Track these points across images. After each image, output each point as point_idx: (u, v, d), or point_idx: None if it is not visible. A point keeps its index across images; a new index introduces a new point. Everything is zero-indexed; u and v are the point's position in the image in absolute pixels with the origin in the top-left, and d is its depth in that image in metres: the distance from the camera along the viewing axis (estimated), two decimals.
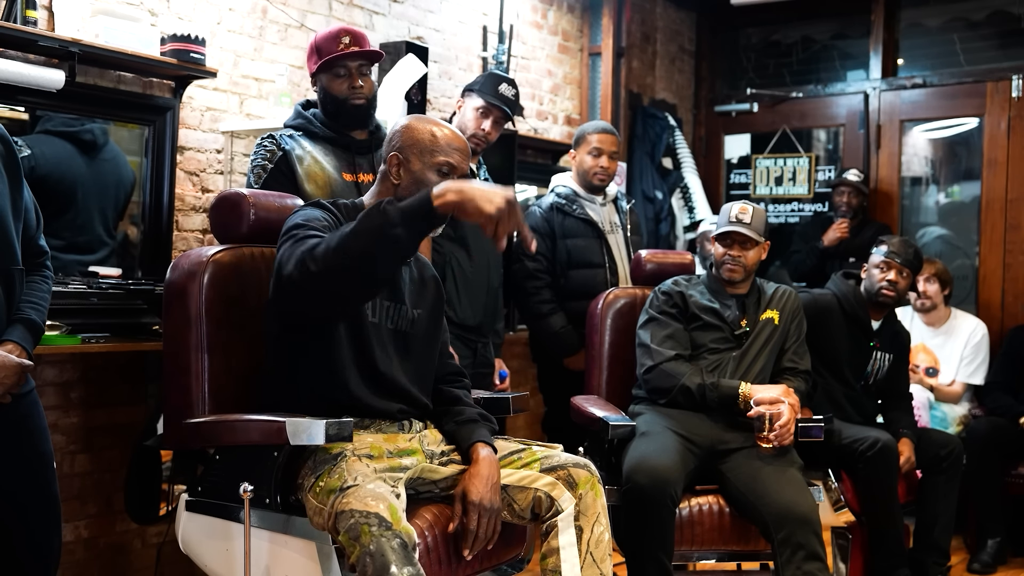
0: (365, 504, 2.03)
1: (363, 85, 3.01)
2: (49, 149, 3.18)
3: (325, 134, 3.04)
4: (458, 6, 4.70)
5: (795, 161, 6.00)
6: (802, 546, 2.82)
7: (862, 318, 3.83)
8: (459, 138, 2.44)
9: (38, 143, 3.16)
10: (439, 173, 2.37)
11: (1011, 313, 5.33)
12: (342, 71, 2.99)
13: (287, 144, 2.99)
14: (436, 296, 2.59)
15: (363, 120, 3.07)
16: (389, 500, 2.06)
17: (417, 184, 2.37)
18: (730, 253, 3.32)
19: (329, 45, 2.98)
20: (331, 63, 2.98)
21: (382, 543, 1.99)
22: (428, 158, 2.38)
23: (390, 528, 2.01)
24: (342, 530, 2.04)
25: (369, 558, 1.98)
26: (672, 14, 6.13)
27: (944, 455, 3.85)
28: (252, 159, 3.03)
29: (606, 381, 3.47)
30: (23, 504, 2.33)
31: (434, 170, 2.37)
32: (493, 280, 3.58)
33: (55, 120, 3.22)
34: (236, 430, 2.29)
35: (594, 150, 3.99)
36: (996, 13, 5.66)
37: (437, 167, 2.37)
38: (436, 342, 2.57)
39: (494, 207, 2.06)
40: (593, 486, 2.39)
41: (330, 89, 3.01)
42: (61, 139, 3.24)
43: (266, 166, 2.97)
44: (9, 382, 2.20)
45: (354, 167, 3.04)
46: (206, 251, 2.52)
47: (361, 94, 3.01)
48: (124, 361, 3.31)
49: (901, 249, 3.82)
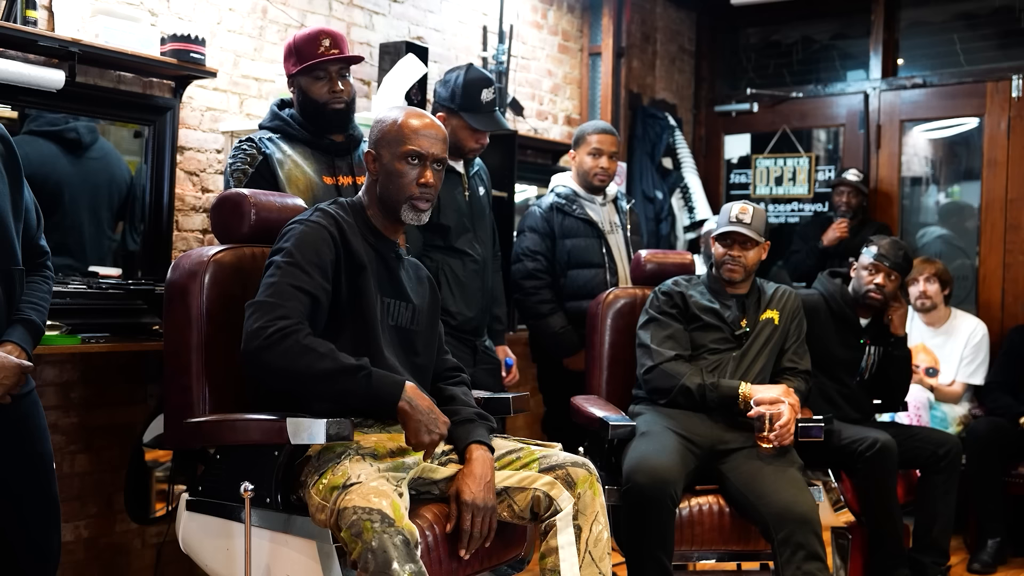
0: (368, 501, 2.03)
1: (343, 89, 2.97)
2: (32, 150, 3.10)
3: (303, 136, 2.98)
4: (458, 6, 4.70)
5: (795, 161, 6.00)
6: (802, 546, 2.82)
7: (850, 317, 3.83)
8: (429, 124, 2.45)
9: (21, 144, 3.10)
10: (407, 162, 2.40)
11: (1011, 313, 5.33)
12: (322, 75, 2.94)
13: (267, 148, 2.94)
14: (432, 293, 2.61)
15: (343, 123, 3.02)
16: (392, 497, 2.07)
17: (389, 177, 2.41)
18: (730, 253, 3.32)
19: (309, 48, 2.93)
20: (311, 67, 2.93)
21: (384, 540, 1.99)
22: (395, 148, 2.41)
23: (392, 525, 2.01)
24: (344, 527, 2.04)
25: (371, 555, 1.99)
26: (672, 14, 6.13)
27: (943, 455, 3.85)
28: (231, 162, 2.96)
29: (606, 381, 3.47)
30: (23, 504, 2.33)
31: (402, 159, 2.40)
32: (487, 281, 3.56)
33: (40, 120, 3.17)
34: (237, 429, 2.29)
35: (594, 150, 3.99)
36: (996, 13, 5.66)
37: (404, 156, 2.40)
38: (435, 338, 2.59)
39: (428, 439, 2.23)
40: (592, 485, 2.38)
41: (309, 92, 2.95)
42: (45, 139, 3.19)
43: (247, 170, 2.92)
44: (9, 383, 2.19)
45: (333, 170, 3.01)
46: (207, 251, 2.52)
47: (341, 98, 2.97)
48: (124, 361, 3.31)
49: (890, 252, 3.80)
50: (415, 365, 2.46)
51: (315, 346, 2.19)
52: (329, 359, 2.18)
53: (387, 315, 2.42)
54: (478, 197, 3.51)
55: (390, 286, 2.44)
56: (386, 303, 2.42)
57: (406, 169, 2.40)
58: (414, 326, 2.48)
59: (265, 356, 2.18)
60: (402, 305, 2.46)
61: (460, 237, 3.36)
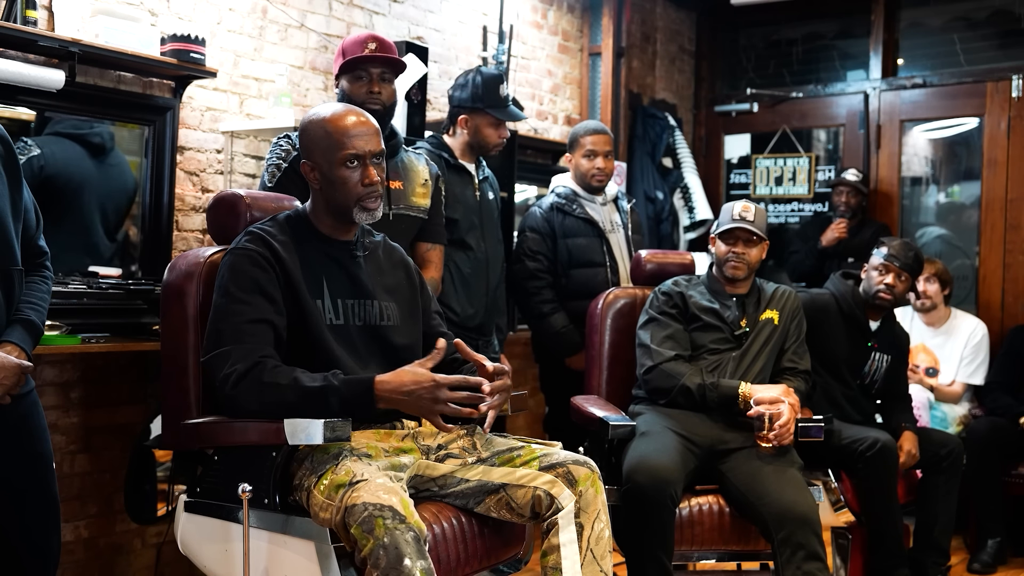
0: (378, 497, 2.03)
1: (381, 92, 3.03)
2: (59, 149, 3.20)
3: None
4: (458, 6, 4.70)
5: (795, 161, 6.00)
6: (802, 546, 2.82)
7: (860, 318, 3.83)
8: (358, 121, 2.40)
9: (48, 143, 3.18)
10: (346, 167, 2.36)
11: (1011, 313, 5.32)
12: (363, 75, 3.01)
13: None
14: (408, 280, 2.57)
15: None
16: (401, 494, 2.07)
17: (332, 186, 2.38)
18: (734, 250, 3.32)
19: (354, 48, 3.01)
20: (353, 65, 3.00)
21: (396, 536, 1.99)
22: (332, 155, 2.37)
23: (404, 521, 2.02)
24: (353, 523, 2.03)
25: (383, 551, 1.98)
26: (672, 14, 6.12)
27: (944, 455, 3.85)
28: (268, 158, 3.05)
29: (606, 381, 3.47)
30: (22, 504, 2.33)
31: (341, 165, 2.36)
32: (492, 278, 3.58)
33: (65, 123, 3.25)
34: (234, 431, 2.28)
35: (588, 152, 3.99)
36: (996, 13, 5.66)
37: (343, 162, 2.36)
38: (417, 329, 2.55)
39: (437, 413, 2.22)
40: (593, 483, 2.38)
41: (349, 91, 3.03)
42: (71, 141, 3.26)
43: (280, 165, 2.99)
44: (8, 383, 2.19)
45: None
46: (204, 252, 2.52)
47: (378, 100, 3.02)
48: (124, 361, 3.31)
49: (901, 252, 3.81)
50: (400, 359, 2.38)
51: (278, 378, 2.20)
52: (293, 389, 2.19)
53: (353, 316, 2.40)
54: (488, 200, 3.63)
55: (349, 287, 2.42)
56: (348, 304, 2.40)
57: (348, 174, 2.36)
58: (385, 321, 2.46)
59: (239, 402, 2.21)
60: (367, 304, 2.43)
61: (467, 232, 3.42)
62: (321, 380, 2.20)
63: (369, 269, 2.49)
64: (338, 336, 2.36)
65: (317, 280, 2.37)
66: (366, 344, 2.41)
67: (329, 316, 2.36)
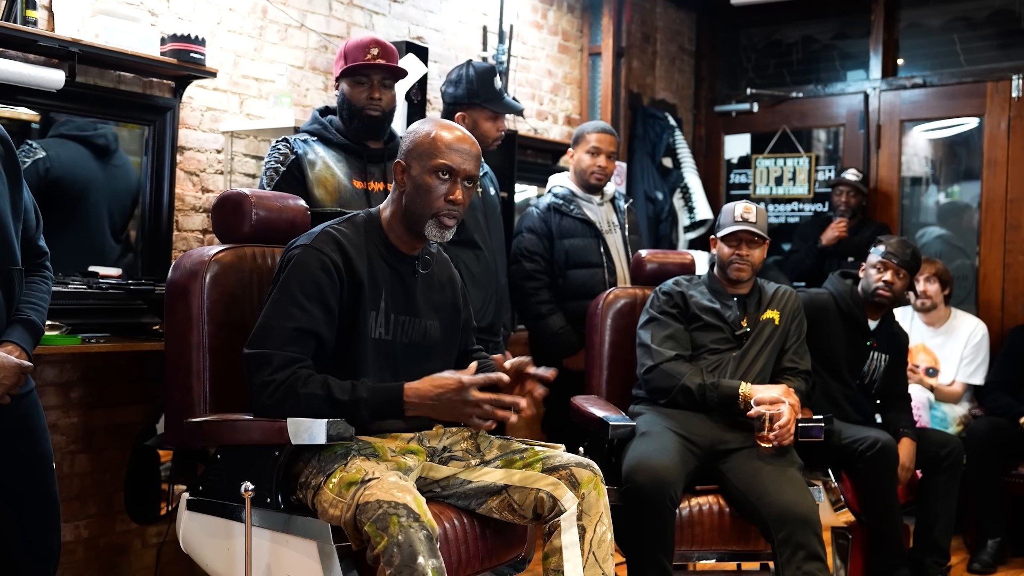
0: (391, 495, 2.04)
1: (381, 97, 3.05)
2: (64, 151, 3.21)
3: (339, 141, 3.07)
4: (458, 6, 4.70)
5: (795, 161, 6.00)
6: (802, 546, 2.82)
7: (858, 317, 3.83)
8: (463, 139, 2.41)
9: (53, 146, 3.19)
10: (437, 176, 2.35)
11: (1011, 313, 5.32)
12: (364, 80, 3.03)
13: (300, 148, 3.03)
14: (453, 298, 2.57)
15: (376, 131, 3.10)
16: (414, 493, 2.08)
17: (417, 190, 2.36)
18: (738, 252, 3.32)
19: (356, 53, 3.02)
20: (354, 70, 3.01)
21: (411, 533, 2.00)
22: (426, 161, 2.36)
23: (418, 519, 2.03)
24: (367, 521, 2.03)
25: (397, 548, 1.99)
26: (672, 14, 6.13)
27: (944, 455, 3.85)
28: (266, 161, 3.07)
29: (606, 381, 3.47)
30: (22, 504, 2.32)
31: (432, 173, 2.35)
32: (500, 277, 3.59)
33: (69, 125, 3.25)
34: (237, 429, 2.29)
35: (592, 149, 4.00)
36: (996, 13, 5.66)
37: (435, 170, 2.36)
38: (454, 347, 2.57)
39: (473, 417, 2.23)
40: (596, 486, 2.38)
41: (349, 96, 3.04)
42: (75, 142, 3.26)
43: (279, 168, 3.01)
44: (8, 383, 2.19)
45: (365, 174, 3.07)
46: (208, 250, 2.52)
47: (378, 106, 3.04)
48: (124, 361, 3.31)
49: (899, 250, 3.81)
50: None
51: (313, 389, 2.20)
52: (327, 401, 2.20)
53: (400, 333, 2.40)
54: (489, 196, 3.63)
55: (404, 303, 2.41)
56: (400, 321, 2.40)
57: (435, 184, 2.35)
58: (427, 340, 2.46)
59: (274, 412, 2.22)
60: (415, 322, 2.43)
61: (474, 230, 3.43)
62: (351, 392, 2.22)
63: (423, 285, 2.48)
64: (379, 350, 2.36)
65: (377, 292, 2.36)
66: (405, 360, 2.40)
67: (379, 330, 2.36)
